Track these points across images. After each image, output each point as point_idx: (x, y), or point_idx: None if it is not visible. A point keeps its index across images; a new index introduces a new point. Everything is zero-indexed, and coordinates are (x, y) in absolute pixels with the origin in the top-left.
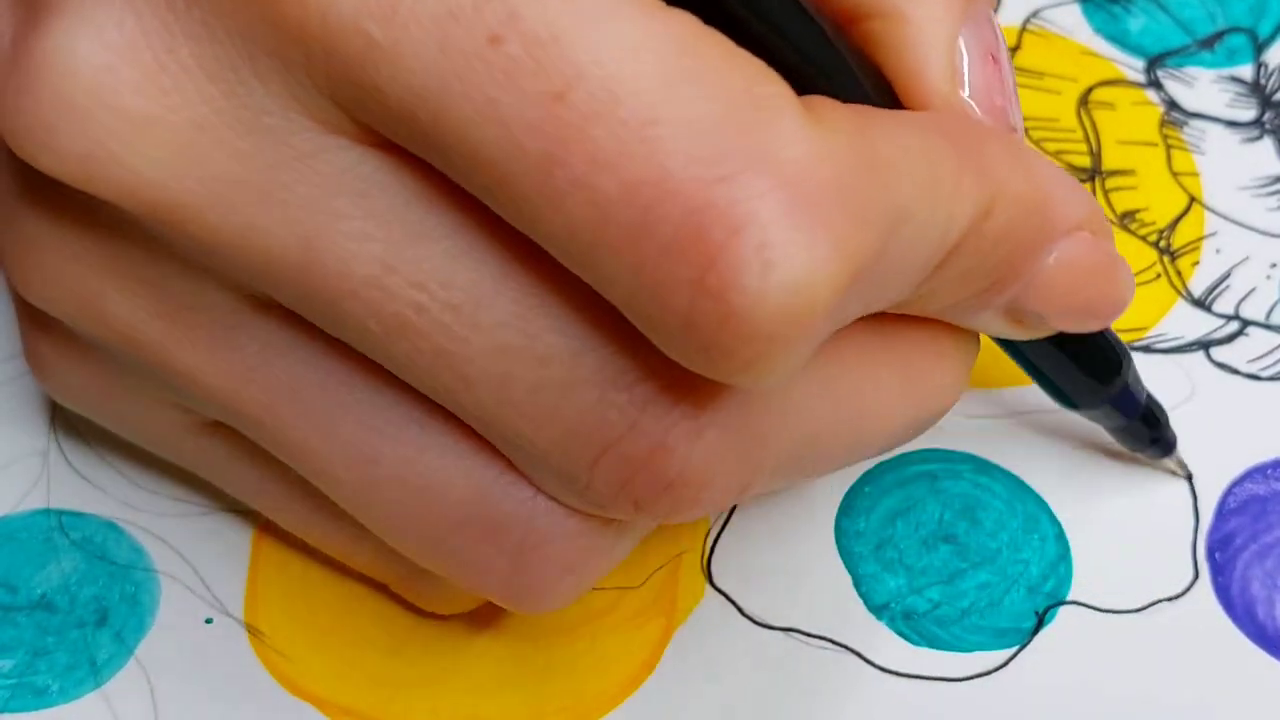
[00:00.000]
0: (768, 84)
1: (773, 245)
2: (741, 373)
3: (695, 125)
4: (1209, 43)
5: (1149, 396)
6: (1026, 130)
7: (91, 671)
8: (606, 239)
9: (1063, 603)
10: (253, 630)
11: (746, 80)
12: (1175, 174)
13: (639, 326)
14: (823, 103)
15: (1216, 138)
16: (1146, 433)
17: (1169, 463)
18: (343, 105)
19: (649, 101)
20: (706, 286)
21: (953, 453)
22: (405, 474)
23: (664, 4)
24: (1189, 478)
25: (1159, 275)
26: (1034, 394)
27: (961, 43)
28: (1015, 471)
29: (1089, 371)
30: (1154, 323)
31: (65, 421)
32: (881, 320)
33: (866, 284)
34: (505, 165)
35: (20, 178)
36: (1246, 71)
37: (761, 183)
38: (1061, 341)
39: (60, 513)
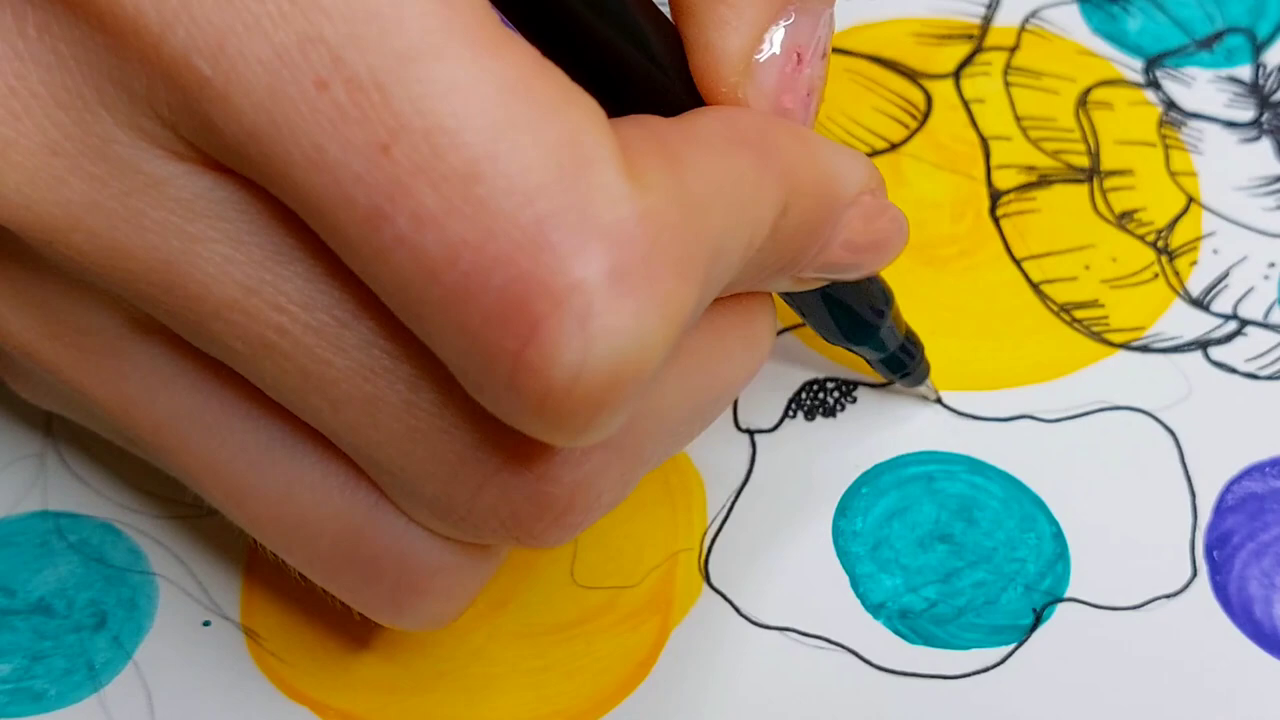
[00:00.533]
0: (591, 130)
1: (598, 315)
2: (568, 440)
3: (519, 185)
4: (1207, 43)
5: (908, 329)
6: (1025, 130)
7: (89, 675)
8: (430, 298)
9: (1060, 600)
10: (250, 633)
11: (573, 129)
12: (1173, 174)
13: (464, 388)
14: (637, 142)
15: (1214, 138)
16: (905, 362)
17: (923, 389)
18: (184, 136)
19: (473, 155)
20: (526, 361)
21: (948, 454)
22: (285, 508)
23: (499, 31)
24: (938, 400)
25: (1157, 275)
26: (1031, 395)
27: (779, 35)
28: (1012, 472)
29: (861, 310)
30: (1152, 322)
31: (62, 424)
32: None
33: (691, 316)
34: (334, 213)
35: None
36: (1245, 72)
37: (585, 249)
38: (837, 286)
39: (57, 515)
